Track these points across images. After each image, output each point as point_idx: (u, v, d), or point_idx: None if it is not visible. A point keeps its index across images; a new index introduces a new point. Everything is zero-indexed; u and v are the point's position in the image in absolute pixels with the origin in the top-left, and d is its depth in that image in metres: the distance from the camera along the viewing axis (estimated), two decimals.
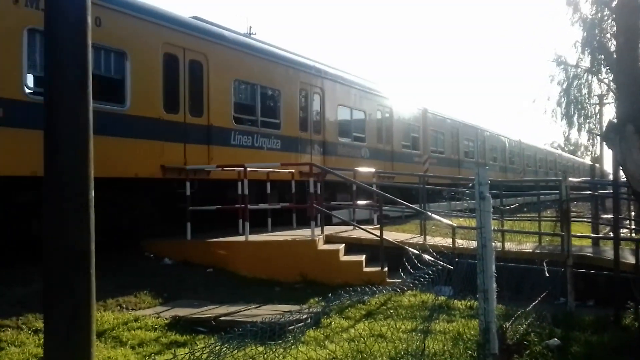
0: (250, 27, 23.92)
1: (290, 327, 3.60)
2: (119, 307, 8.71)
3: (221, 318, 7.79)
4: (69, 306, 4.91)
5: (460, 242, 10.43)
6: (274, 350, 3.39)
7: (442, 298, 7.02)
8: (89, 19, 5.08)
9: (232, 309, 8.43)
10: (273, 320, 3.35)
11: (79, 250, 4.92)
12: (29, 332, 7.23)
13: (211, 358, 2.92)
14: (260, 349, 3.30)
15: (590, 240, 14.42)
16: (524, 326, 7.08)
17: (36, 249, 6.07)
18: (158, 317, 8.06)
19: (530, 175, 45.33)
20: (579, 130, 34.34)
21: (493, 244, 5.53)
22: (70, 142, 4.96)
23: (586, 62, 25.30)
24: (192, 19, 14.38)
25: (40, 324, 7.02)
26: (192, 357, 2.92)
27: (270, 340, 3.30)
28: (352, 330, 7.27)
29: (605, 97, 37.47)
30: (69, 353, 4.87)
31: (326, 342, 6.76)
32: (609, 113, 40.20)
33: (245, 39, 16.90)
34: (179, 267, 11.32)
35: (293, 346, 3.67)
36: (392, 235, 13.31)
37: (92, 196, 5.04)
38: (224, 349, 3.00)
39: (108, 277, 9.36)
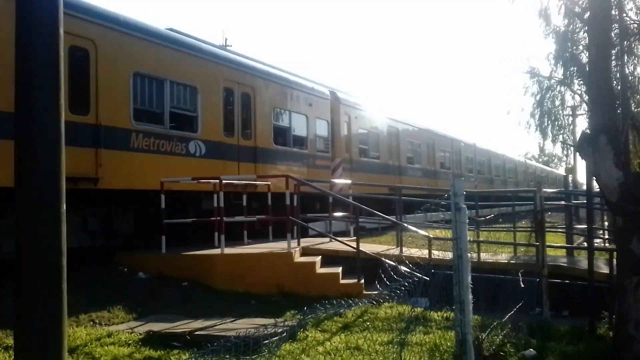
0: (226, 39, 23.68)
1: (265, 341, 3.56)
2: (91, 323, 8.57)
3: (196, 332, 7.68)
4: (41, 321, 4.81)
5: (437, 254, 10.45)
6: None
7: (419, 310, 7.02)
8: (61, 29, 5.02)
9: (207, 323, 8.32)
10: (248, 334, 3.31)
11: (51, 264, 4.84)
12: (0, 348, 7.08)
13: None
14: None
15: (564, 250, 14.55)
16: (500, 337, 7.09)
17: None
18: (132, 332, 7.93)
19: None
20: (553, 141, 34.78)
21: (469, 254, 5.55)
22: (43, 154, 4.89)
23: (559, 74, 25.64)
24: None
25: (11, 341, 6.87)
26: None
27: (245, 355, 3.25)
28: (329, 344, 7.21)
29: (578, 109, 37.93)
30: None
31: (302, 355, 6.69)
32: (582, 124, 40.78)
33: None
34: (154, 281, 11.17)
35: None
36: (369, 247, 13.30)
37: (64, 209, 4.96)
38: None
39: (81, 291, 9.22)
